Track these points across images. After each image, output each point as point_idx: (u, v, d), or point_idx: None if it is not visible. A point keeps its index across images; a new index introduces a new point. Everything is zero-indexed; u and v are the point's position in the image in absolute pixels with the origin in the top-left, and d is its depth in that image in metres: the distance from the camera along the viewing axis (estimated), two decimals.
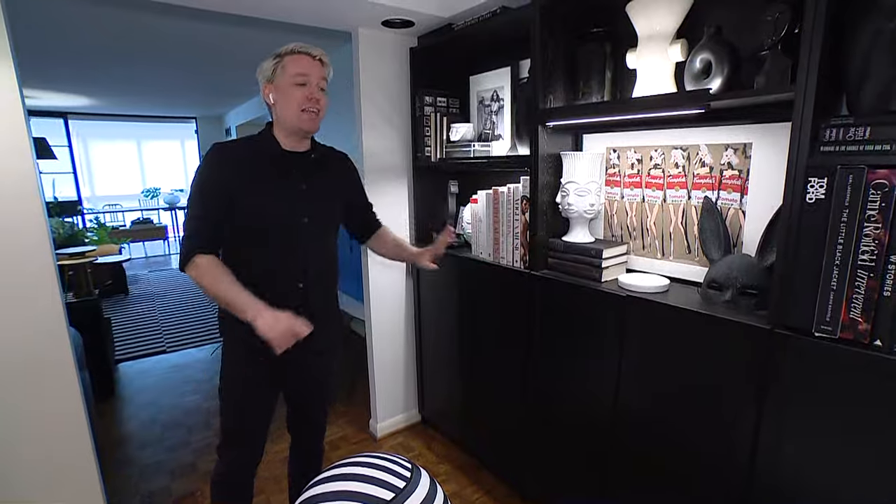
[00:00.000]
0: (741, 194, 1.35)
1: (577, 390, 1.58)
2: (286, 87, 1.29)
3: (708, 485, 1.27)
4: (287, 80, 1.29)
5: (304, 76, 1.29)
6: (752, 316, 1.18)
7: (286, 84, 1.29)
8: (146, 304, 4.98)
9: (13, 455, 1.55)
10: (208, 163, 1.29)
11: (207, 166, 1.28)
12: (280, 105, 1.31)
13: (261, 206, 1.30)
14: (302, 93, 1.29)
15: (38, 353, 1.54)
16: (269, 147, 1.35)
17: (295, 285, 1.36)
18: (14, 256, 1.47)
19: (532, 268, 1.68)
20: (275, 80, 1.30)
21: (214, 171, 1.28)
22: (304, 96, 1.29)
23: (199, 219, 1.27)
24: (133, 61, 3.61)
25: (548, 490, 1.78)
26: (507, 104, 1.95)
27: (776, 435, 1.11)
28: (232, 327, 1.33)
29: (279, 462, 2.23)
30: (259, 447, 1.46)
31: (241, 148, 1.34)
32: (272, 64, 1.30)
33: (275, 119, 1.36)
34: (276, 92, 1.31)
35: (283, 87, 1.29)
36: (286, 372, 1.45)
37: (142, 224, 7.90)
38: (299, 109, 1.30)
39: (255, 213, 1.30)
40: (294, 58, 1.29)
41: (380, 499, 1.30)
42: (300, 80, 1.29)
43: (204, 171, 1.28)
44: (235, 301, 1.20)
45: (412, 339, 2.43)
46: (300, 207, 1.35)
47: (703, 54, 1.26)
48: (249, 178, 1.29)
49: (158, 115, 7.51)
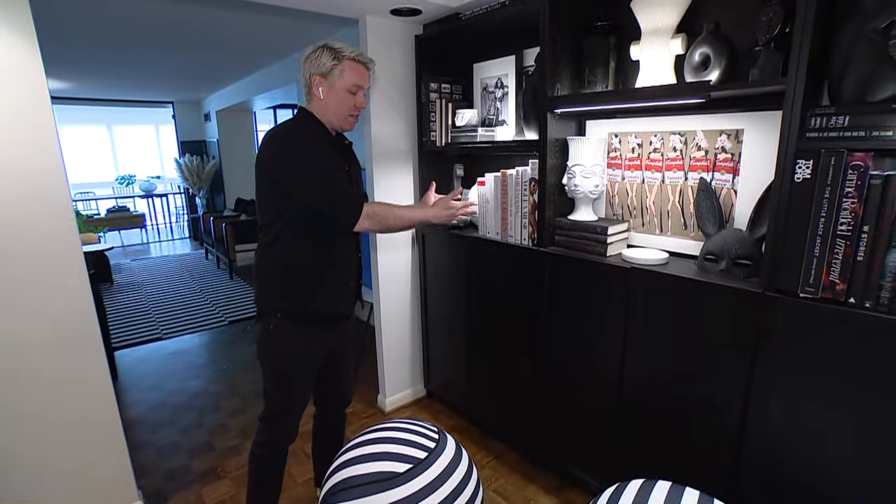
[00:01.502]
0: (733, 175, 1.50)
1: (585, 357, 1.73)
2: (340, 91, 1.39)
3: (706, 443, 1.44)
4: (343, 85, 1.39)
5: (360, 87, 1.41)
6: (744, 282, 1.34)
7: (341, 88, 1.39)
8: (133, 293, 4.93)
9: (49, 435, 1.61)
10: (305, 141, 1.37)
11: (303, 146, 1.36)
12: (329, 103, 1.41)
13: (342, 181, 1.44)
14: (353, 101, 1.41)
15: (69, 337, 1.60)
16: (324, 134, 1.45)
17: (355, 255, 1.54)
18: (46, 244, 1.52)
19: (540, 245, 1.81)
20: (330, 79, 1.38)
21: (320, 150, 1.38)
22: (354, 104, 1.42)
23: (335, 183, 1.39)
24: (109, 43, 3.52)
25: (556, 455, 1.94)
26: (511, 91, 2.06)
27: (766, 385, 1.27)
28: (296, 304, 1.45)
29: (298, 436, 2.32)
30: (298, 424, 1.58)
31: (311, 132, 1.42)
32: (330, 63, 1.37)
33: (314, 107, 1.44)
34: (329, 91, 1.40)
35: (338, 89, 1.39)
36: (332, 339, 1.57)
37: (118, 212, 7.71)
38: (348, 115, 1.43)
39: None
40: (354, 66, 1.39)
41: (414, 458, 1.44)
42: (354, 90, 1.40)
43: (303, 149, 1.35)
44: (417, 215, 1.49)
45: (418, 316, 2.55)
46: (352, 185, 1.50)
47: (702, 48, 1.39)
48: (330, 155, 1.42)
49: (133, 98, 7.29)
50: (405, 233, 2.41)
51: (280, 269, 1.45)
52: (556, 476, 2.00)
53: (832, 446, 1.18)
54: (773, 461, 1.29)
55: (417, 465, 1.38)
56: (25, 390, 1.54)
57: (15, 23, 1.38)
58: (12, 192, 1.44)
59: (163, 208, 9.12)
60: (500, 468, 2.09)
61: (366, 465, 1.40)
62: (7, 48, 1.38)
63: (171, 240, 8.12)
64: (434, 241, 2.35)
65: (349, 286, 1.55)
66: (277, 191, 1.36)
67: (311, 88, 1.40)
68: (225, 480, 2.06)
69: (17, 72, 1.41)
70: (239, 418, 2.55)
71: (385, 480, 1.35)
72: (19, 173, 1.45)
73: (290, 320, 1.46)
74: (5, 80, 1.39)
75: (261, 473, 1.55)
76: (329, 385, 1.69)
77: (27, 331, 1.52)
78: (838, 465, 1.18)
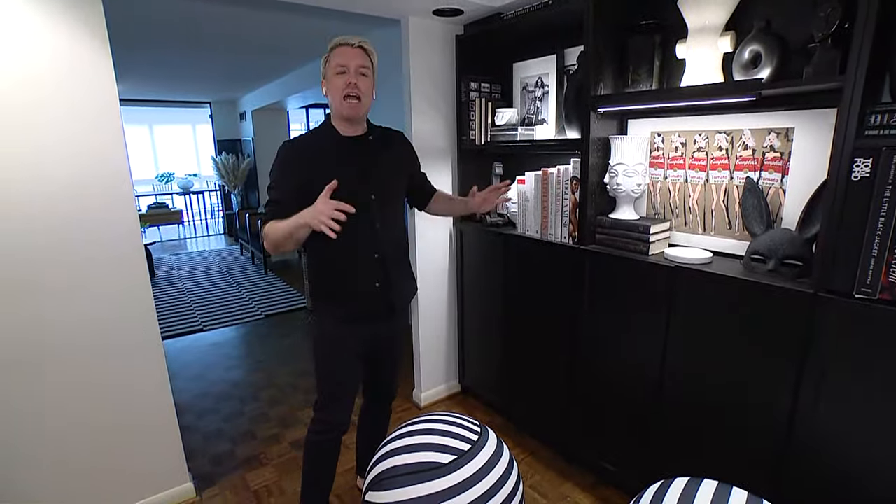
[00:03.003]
0: (782, 174, 1.48)
1: (624, 355, 1.73)
2: (331, 78, 1.43)
3: (749, 443, 1.43)
4: (331, 72, 1.42)
5: (344, 66, 1.41)
6: (794, 283, 1.32)
7: (330, 74, 1.42)
8: (174, 286, 5.13)
9: (108, 418, 1.71)
10: (281, 159, 1.45)
11: (281, 162, 1.45)
12: (329, 95, 1.45)
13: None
14: (343, 80, 1.40)
15: (129, 327, 1.70)
16: (329, 135, 1.49)
17: (372, 256, 1.51)
18: (110, 238, 1.62)
19: (581, 243, 1.82)
20: (326, 74, 1.44)
21: (287, 165, 1.44)
22: (343, 83, 1.40)
23: (273, 203, 1.44)
24: (152, 46, 3.66)
25: (592, 453, 1.95)
26: (552, 90, 2.07)
27: (816, 387, 1.26)
28: (326, 302, 1.54)
29: None
30: (351, 409, 1.61)
31: (307, 141, 1.51)
32: (323, 60, 1.45)
33: (331, 110, 1.50)
34: (327, 84, 1.45)
35: (329, 77, 1.43)
36: (372, 335, 1.59)
37: (157, 209, 8.00)
38: (342, 97, 1.42)
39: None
40: (337, 50, 1.42)
41: (458, 449, 1.47)
42: (340, 70, 1.41)
43: (278, 166, 1.45)
44: (291, 226, 1.33)
45: (454, 312, 2.59)
46: (366, 186, 1.47)
47: (752, 46, 1.38)
48: (319, 166, 1.43)
49: (173, 99, 7.55)
50: (443, 228, 2.45)
51: (311, 266, 1.57)
52: (592, 473, 2.01)
53: (886, 451, 1.16)
54: (822, 464, 1.28)
55: (461, 456, 1.41)
56: (96, 371, 1.64)
57: (92, 32, 1.48)
58: (88, 187, 1.54)
59: (199, 205, 9.42)
60: (535, 464, 2.11)
61: (410, 455, 1.43)
62: (87, 54, 1.47)
63: (207, 236, 8.38)
64: (472, 237, 2.38)
65: (372, 287, 1.52)
66: None
67: (324, 94, 1.48)
68: (267, 467, 2.13)
69: (94, 78, 1.51)
70: (277, 408, 2.64)
71: (429, 470, 1.38)
72: (95, 174, 1.56)
73: (321, 313, 1.55)
74: (86, 86, 1.50)
75: (312, 459, 1.61)
76: (373, 378, 1.74)
77: (100, 316, 1.63)
78: (893, 469, 1.16)
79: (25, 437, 1.56)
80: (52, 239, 1.51)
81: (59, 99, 1.46)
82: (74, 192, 1.52)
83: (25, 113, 1.42)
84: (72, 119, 1.49)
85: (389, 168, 1.56)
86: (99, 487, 1.72)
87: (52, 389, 1.58)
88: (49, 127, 1.46)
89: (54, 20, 1.41)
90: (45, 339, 1.54)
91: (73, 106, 1.48)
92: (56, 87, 1.45)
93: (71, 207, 1.52)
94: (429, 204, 1.79)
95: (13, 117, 1.40)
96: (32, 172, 1.45)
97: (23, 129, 1.42)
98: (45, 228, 1.49)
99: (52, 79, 1.44)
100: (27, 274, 1.49)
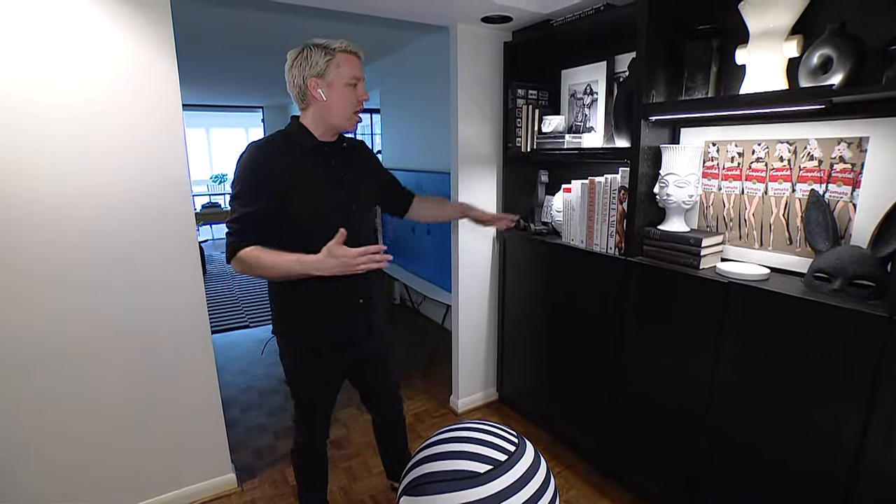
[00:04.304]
0: (852, 187, 1.39)
1: (670, 372, 1.66)
2: (340, 87, 1.30)
3: (805, 475, 1.33)
4: (341, 80, 1.30)
5: (357, 78, 1.33)
6: (864, 305, 1.22)
7: (340, 85, 1.30)
8: (224, 282, 5.35)
9: (158, 409, 1.80)
10: (249, 164, 1.28)
11: (249, 167, 1.28)
12: (332, 103, 1.31)
13: (314, 198, 1.33)
14: (355, 94, 1.33)
15: (182, 319, 1.78)
16: (304, 140, 1.34)
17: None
18: (168, 235, 1.70)
19: (627, 254, 1.76)
20: (326, 77, 1.29)
21: (258, 171, 1.28)
22: (357, 98, 1.34)
23: (244, 217, 1.27)
24: (209, 55, 3.86)
25: (632, 470, 1.88)
26: (601, 98, 2.03)
27: (891, 418, 1.16)
28: (292, 328, 1.42)
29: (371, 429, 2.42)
30: (328, 423, 1.59)
31: (277, 145, 1.33)
32: (324, 61, 1.28)
33: (312, 113, 1.34)
34: (328, 89, 1.30)
35: (337, 86, 1.30)
36: (351, 356, 1.49)
37: (211, 208, 8.39)
38: (352, 111, 1.35)
39: (309, 205, 1.32)
40: (348, 57, 1.31)
41: (495, 459, 1.45)
42: (353, 82, 1.32)
43: (246, 171, 1.28)
44: (294, 267, 1.24)
45: (494, 320, 2.56)
46: (347, 194, 1.39)
47: (822, 50, 1.30)
48: (296, 173, 1.31)
49: (228, 104, 7.93)
50: (486, 236, 2.44)
51: (282, 284, 1.37)
52: (631, 491, 1.93)
53: None
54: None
55: (498, 466, 1.38)
56: (148, 362, 1.73)
57: (162, 47, 1.58)
58: (151, 184, 1.64)
59: None
60: (571, 478, 2.05)
61: (446, 462, 1.41)
62: (157, 66, 1.57)
63: None
64: (515, 245, 2.36)
65: (356, 303, 1.43)
66: None
67: (309, 93, 1.31)
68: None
69: (162, 88, 1.60)
70: None
71: (465, 479, 1.36)
72: (158, 174, 1.65)
73: (292, 342, 1.44)
74: (156, 95, 1.60)
75: (301, 468, 1.63)
76: (368, 395, 1.68)
77: (157, 308, 1.72)
78: None
79: (76, 417, 1.66)
80: (116, 234, 1.61)
81: (133, 106, 1.57)
82: (140, 191, 1.62)
83: (106, 118, 1.53)
84: (142, 124, 1.59)
85: (364, 176, 1.48)
86: (147, 472, 1.81)
87: (110, 376, 1.68)
88: (122, 131, 1.56)
89: (132, 36, 1.52)
90: (110, 328, 1.65)
91: (145, 113, 1.59)
92: (130, 96, 1.55)
93: (136, 205, 1.62)
94: (410, 209, 1.70)
95: (95, 122, 1.52)
96: (105, 171, 1.56)
97: (101, 132, 1.53)
98: (113, 225, 1.59)
99: (128, 88, 1.55)
100: (91, 265, 1.59)
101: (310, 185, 1.33)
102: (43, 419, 1.59)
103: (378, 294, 1.54)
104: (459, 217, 1.85)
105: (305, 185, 1.32)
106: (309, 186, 1.32)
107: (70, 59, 1.45)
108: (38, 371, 1.55)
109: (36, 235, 1.48)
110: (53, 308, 1.54)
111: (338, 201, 1.37)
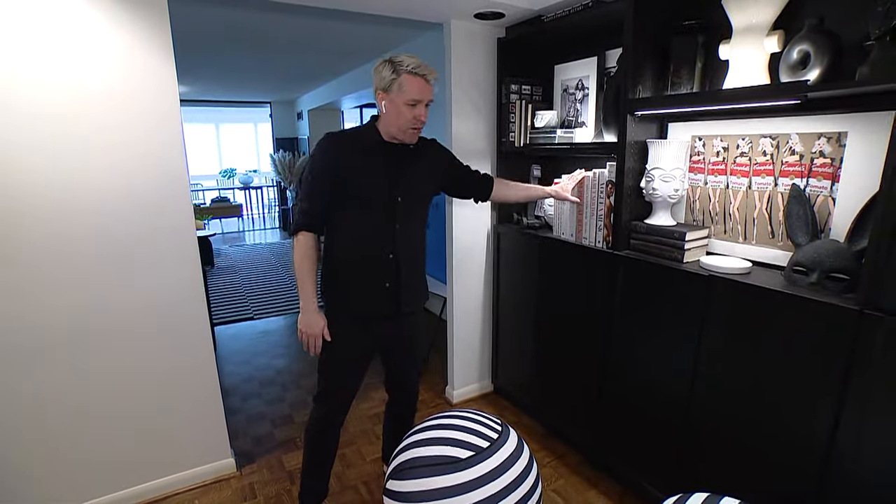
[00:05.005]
0: (832, 182, 1.40)
1: (655, 364, 1.69)
2: (399, 105, 1.42)
3: (783, 466, 1.36)
4: (401, 100, 1.41)
5: (418, 101, 1.43)
6: (839, 298, 1.24)
7: (399, 102, 1.42)
8: (230, 276, 5.45)
9: (157, 395, 1.86)
10: (321, 150, 1.48)
11: (321, 153, 1.48)
12: (390, 116, 1.46)
13: (363, 184, 1.49)
14: (412, 113, 1.43)
15: (181, 312, 1.84)
16: (370, 137, 1.51)
17: (387, 254, 1.54)
18: (167, 230, 1.76)
19: (615, 248, 1.79)
20: (390, 93, 1.42)
21: (326, 157, 1.48)
22: (413, 117, 1.44)
23: (312, 197, 1.49)
24: (218, 51, 3.92)
25: (620, 462, 1.91)
26: (591, 93, 2.04)
27: (860, 409, 1.18)
28: (337, 296, 1.57)
29: (367, 418, 2.48)
30: (349, 401, 1.66)
31: (348, 137, 1.53)
32: (389, 76, 1.41)
33: (381, 117, 1.50)
34: (389, 104, 1.44)
35: (397, 103, 1.42)
36: (381, 333, 1.63)
37: (220, 202, 8.51)
38: (409, 128, 1.46)
39: (358, 188, 1.48)
40: (412, 79, 1.40)
41: (477, 446, 1.49)
42: (413, 103, 1.42)
43: (317, 156, 1.48)
44: (302, 286, 1.51)
45: (489, 313, 2.60)
46: (395, 187, 1.51)
47: (801, 45, 1.31)
48: (354, 161, 1.48)
49: (237, 100, 8.01)
50: (482, 229, 2.47)
51: (327, 259, 1.59)
52: (619, 483, 1.97)
53: None
54: (862, 489, 1.20)
55: (479, 453, 1.43)
56: (148, 352, 1.80)
57: (160, 47, 1.63)
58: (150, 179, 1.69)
59: (258, 200, 9.93)
60: (561, 468, 2.09)
61: (431, 447, 1.47)
62: (155, 66, 1.62)
63: (264, 229, 8.82)
64: (509, 238, 2.39)
65: (382, 286, 1.56)
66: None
67: (377, 102, 1.47)
68: (302, 451, 2.24)
69: (160, 87, 1.65)
70: None
71: (447, 464, 1.42)
72: (157, 169, 1.70)
73: (331, 308, 1.59)
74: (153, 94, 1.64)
75: (312, 446, 1.68)
76: (391, 373, 1.79)
77: (156, 300, 1.78)
78: None
79: (79, 406, 1.73)
80: (116, 228, 1.66)
81: (132, 104, 1.62)
82: (139, 186, 1.67)
83: (104, 117, 1.59)
84: (140, 121, 1.64)
85: (421, 176, 1.60)
86: (149, 455, 1.88)
87: (110, 367, 1.75)
88: (121, 129, 1.62)
89: (130, 35, 1.57)
90: (110, 320, 1.71)
91: (144, 110, 1.64)
92: (127, 96, 1.61)
93: (136, 200, 1.67)
94: (493, 191, 1.81)
95: (93, 120, 1.57)
96: (105, 167, 1.61)
97: (100, 130, 1.59)
98: (112, 219, 1.65)
99: (126, 88, 1.60)
100: (92, 259, 1.65)
101: (361, 173, 1.48)
102: (44, 408, 1.66)
103: (413, 277, 1.62)
104: (545, 197, 1.97)
105: (358, 172, 1.48)
106: (360, 173, 1.48)
107: (70, 59, 1.50)
108: (39, 362, 1.62)
109: (37, 229, 1.54)
110: (54, 301, 1.61)
111: (384, 191, 1.50)
